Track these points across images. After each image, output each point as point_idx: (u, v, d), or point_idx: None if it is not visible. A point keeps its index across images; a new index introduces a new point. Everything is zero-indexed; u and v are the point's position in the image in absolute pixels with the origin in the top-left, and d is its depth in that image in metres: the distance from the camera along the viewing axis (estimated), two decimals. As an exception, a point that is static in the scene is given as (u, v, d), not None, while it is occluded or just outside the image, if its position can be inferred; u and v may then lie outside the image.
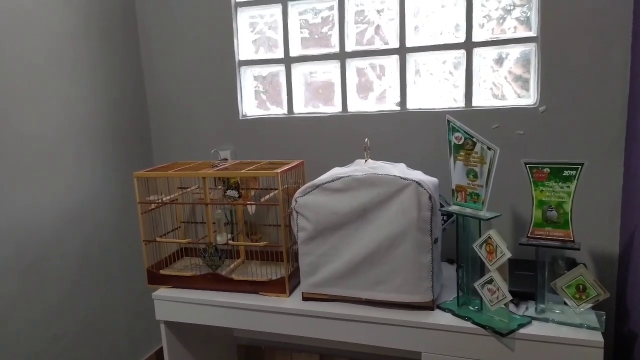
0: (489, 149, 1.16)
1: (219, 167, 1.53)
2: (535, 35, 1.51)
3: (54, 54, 1.60)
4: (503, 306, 1.18)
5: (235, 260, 1.64)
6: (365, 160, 1.42)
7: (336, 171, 1.40)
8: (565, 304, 1.20)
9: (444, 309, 1.29)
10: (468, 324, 1.21)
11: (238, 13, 1.85)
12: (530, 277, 1.30)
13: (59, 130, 1.62)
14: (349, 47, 1.74)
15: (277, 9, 1.81)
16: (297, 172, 1.55)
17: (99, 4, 1.78)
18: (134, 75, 1.96)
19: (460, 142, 1.23)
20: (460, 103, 1.64)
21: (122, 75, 1.89)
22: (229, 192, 1.47)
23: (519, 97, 1.59)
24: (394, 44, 1.68)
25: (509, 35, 1.56)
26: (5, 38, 1.44)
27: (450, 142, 1.26)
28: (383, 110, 1.71)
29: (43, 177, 1.57)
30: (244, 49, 1.88)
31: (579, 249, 1.16)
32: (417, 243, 1.24)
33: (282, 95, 1.87)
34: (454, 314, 1.26)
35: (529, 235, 1.21)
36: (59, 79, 1.62)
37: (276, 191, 1.43)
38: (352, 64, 1.75)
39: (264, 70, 1.89)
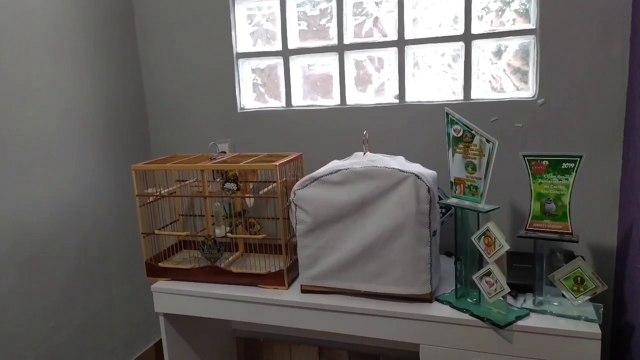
0: (488, 141, 1.16)
1: (217, 160, 1.53)
2: (534, 27, 1.51)
3: (51, 47, 1.59)
4: (501, 298, 1.18)
5: (234, 253, 1.64)
6: (364, 153, 1.42)
7: (335, 164, 1.40)
8: (563, 296, 1.20)
9: (442, 301, 1.29)
10: (466, 316, 1.22)
11: (236, 5, 1.84)
12: (529, 270, 1.30)
13: (55, 124, 1.61)
14: (348, 39, 1.73)
15: (275, 1, 1.80)
16: (295, 165, 1.55)
17: (96, -4, 1.76)
18: (132, 68, 1.95)
19: (459, 135, 1.22)
20: (459, 96, 1.63)
21: (119, 68, 1.88)
22: (228, 185, 1.47)
23: (518, 89, 1.59)
24: (393, 36, 1.67)
25: (508, 27, 1.56)
26: (4, 35, 1.43)
27: (449, 134, 1.26)
28: (382, 103, 1.71)
29: (41, 171, 1.56)
30: (242, 41, 1.87)
31: (577, 242, 1.16)
32: (415, 236, 1.24)
33: (280, 88, 1.87)
34: (452, 306, 1.27)
35: (527, 227, 1.21)
36: (55, 72, 1.61)
37: (275, 184, 1.42)
38: (351, 57, 1.75)
39: (262, 62, 1.88)
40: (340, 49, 1.73)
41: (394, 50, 1.67)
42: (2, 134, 1.44)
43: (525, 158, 1.20)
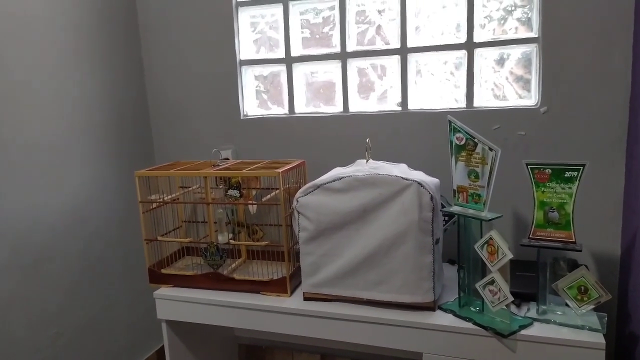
0: (491, 149, 1.16)
1: (220, 167, 1.53)
2: (536, 36, 1.51)
3: (55, 54, 1.60)
4: (504, 307, 1.18)
5: (237, 260, 1.64)
6: (367, 161, 1.42)
7: (337, 171, 1.40)
8: (567, 305, 1.20)
9: (445, 310, 1.29)
10: (469, 325, 1.22)
11: (239, 12, 1.85)
12: (532, 278, 1.30)
13: (60, 130, 1.62)
14: (350, 47, 1.73)
15: (278, 9, 1.80)
16: (298, 172, 1.55)
17: (101, 4, 1.78)
18: (136, 75, 1.96)
19: (462, 143, 1.23)
20: (462, 103, 1.64)
21: (123, 75, 1.89)
22: (231, 192, 1.47)
23: (520, 97, 1.59)
24: (395, 44, 1.68)
25: (510, 35, 1.56)
26: (7, 39, 1.44)
27: (451, 142, 1.26)
28: (384, 111, 1.71)
29: (44, 176, 1.57)
30: (245, 48, 1.88)
31: (580, 250, 1.16)
32: (418, 243, 1.24)
33: (283, 95, 1.87)
34: (455, 314, 1.26)
35: (530, 236, 1.21)
36: (59, 79, 1.62)
37: (277, 191, 1.43)
38: (353, 64, 1.75)
39: (265, 70, 1.89)
40: (343, 56, 1.73)
41: (396, 58, 1.68)
42: (5, 138, 1.45)
43: (528, 166, 1.20)
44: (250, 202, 1.54)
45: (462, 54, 1.60)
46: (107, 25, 1.81)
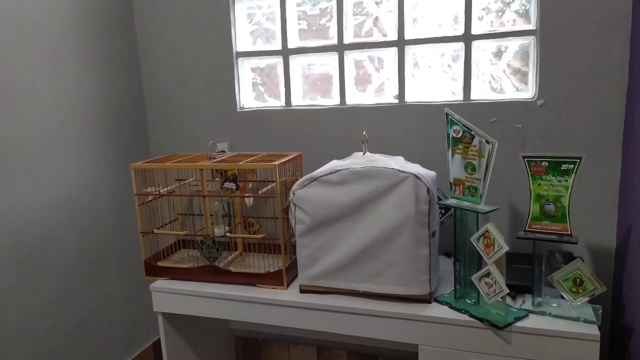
0: (488, 142, 1.16)
1: (216, 159, 1.52)
2: (534, 28, 1.51)
3: (50, 45, 1.59)
4: (500, 299, 1.18)
5: (233, 253, 1.64)
6: (364, 153, 1.42)
7: (334, 164, 1.39)
8: (562, 297, 1.20)
9: (441, 302, 1.29)
10: (465, 317, 1.22)
11: (235, 4, 1.84)
12: (528, 271, 1.30)
13: (55, 123, 1.61)
14: (347, 39, 1.73)
15: (275, 0, 1.79)
16: (295, 165, 1.55)
17: (95, -6, 1.76)
18: (131, 66, 1.94)
19: (459, 136, 1.22)
20: (459, 96, 1.63)
21: (119, 67, 1.88)
22: (227, 184, 1.47)
23: (518, 90, 1.59)
24: (393, 36, 1.67)
25: (508, 28, 1.56)
26: (3, 35, 1.43)
27: (448, 135, 1.25)
28: (381, 103, 1.71)
29: (40, 169, 1.56)
30: (242, 40, 1.87)
31: (576, 243, 1.16)
32: (414, 236, 1.24)
33: (279, 87, 1.86)
34: (451, 306, 1.26)
35: (526, 228, 1.21)
36: (55, 73, 1.61)
37: (274, 183, 1.42)
38: (351, 56, 1.75)
39: (262, 62, 1.88)
40: (340, 48, 1.72)
41: (393, 50, 1.67)
42: (1, 132, 1.43)
43: (525, 159, 1.20)
44: (247, 194, 1.53)
45: (460, 46, 1.60)
46: (102, 18, 1.79)
